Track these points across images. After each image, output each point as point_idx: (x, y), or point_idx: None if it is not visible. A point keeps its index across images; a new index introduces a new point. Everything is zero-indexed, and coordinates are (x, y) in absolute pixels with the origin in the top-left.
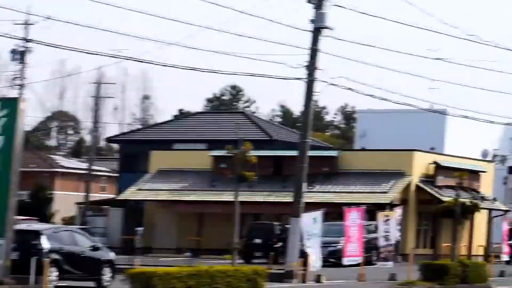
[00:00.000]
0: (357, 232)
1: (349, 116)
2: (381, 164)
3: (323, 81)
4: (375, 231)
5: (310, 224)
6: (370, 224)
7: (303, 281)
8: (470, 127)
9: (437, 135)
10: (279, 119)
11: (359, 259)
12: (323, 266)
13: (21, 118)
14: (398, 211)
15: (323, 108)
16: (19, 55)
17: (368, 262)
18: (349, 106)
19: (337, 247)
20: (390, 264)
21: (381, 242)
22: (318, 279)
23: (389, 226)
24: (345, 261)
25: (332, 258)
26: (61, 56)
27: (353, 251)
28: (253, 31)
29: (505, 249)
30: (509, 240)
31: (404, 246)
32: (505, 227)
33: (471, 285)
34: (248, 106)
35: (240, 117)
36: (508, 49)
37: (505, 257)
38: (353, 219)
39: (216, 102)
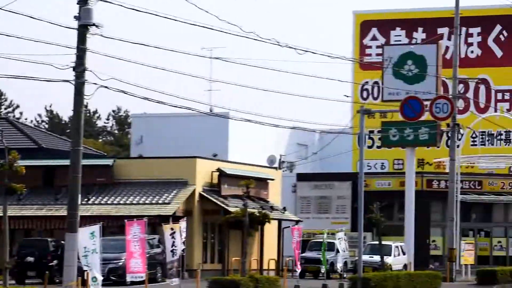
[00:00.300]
0: (139, 247)
1: (123, 121)
2: (161, 173)
3: (94, 83)
4: (158, 246)
5: (88, 240)
6: (153, 238)
7: None
8: (254, 132)
9: (219, 140)
10: (46, 126)
11: (143, 276)
12: (104, 285)
13: None
14: (182, 224)
15: (95, 112)
16: None
17: (152, 279)
18: (122, 111)
19: (119, 263)
20: (176, 281)
21: (168, 257)
22: None
23: (175, 240)
24: (129, 277)
25: (113, 276)
26: None
27: (136, 267)
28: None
29: (298, 262)
30: (302, 252)
31: (190, 261)
32: (297, 238)
33: None
34: (11, 112)
35: (3, 123)
36: (290, 47)
37: (298, 271)
38: (135, 233)
39: None
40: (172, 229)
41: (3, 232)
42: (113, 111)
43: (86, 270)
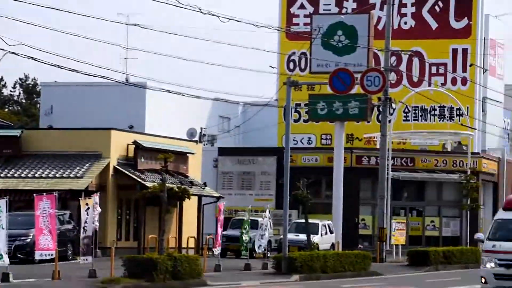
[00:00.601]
0: (49, 223)
1: (31, 90)
2: (73, 145)
3: (1, 49)
4: (69, 222)
5: None
6: (63, 214)
7: None
8: (173, 103)
9: (136, 112)
10: None
11: (53, 253)
12: (10, 263)
13: None
14: (95, 198)
15: (0, 80)
16: None
17: (63, 257)
18: (30, 79)
19: (26, 240)
20: (89, 259)
21: (82, 234)
22: (5, 278)
23: (88, 216)
24: (38, 255)
25: (20, 254)
26: None
27: (45, 244)
28: None
29: (219, 240)
30: (223, 230)
31: (104, 238)
32: (219, 216)
33: (184, 281)
34: None
35: None
36: (213, 15)
37: (218, 250)
38: (44, 208)
39: None
40: (87, 204)
41: None
42: (20, 79)
43: None
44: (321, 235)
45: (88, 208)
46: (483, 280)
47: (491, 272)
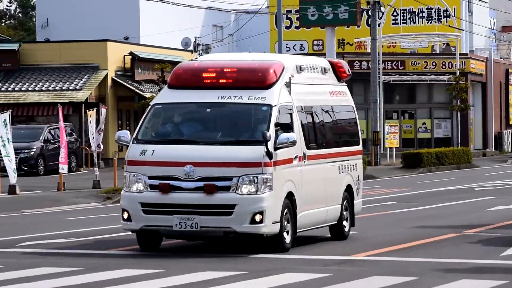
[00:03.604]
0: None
1: (26, 4)
2: (71, 58)
3: None
4: (71, 134)
5: (2, 128)
6: (65, 126)
7: None
8: (167, 13)
9: (130, 22)
10: None
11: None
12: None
13: None
14: (102, 110)
15: None
16: None
17: (67, 169)
18: None
19: (30, 153)
20: (96, 170)
21: (92, 146)
22: (12, 190)
23: (93, 128)
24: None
25: (25, 166)
26: None
27: (62, 157)
28: None
29: None
30: None
31: (106, 150)
32: None
33: None
34: None
35: None
36: None
37: None
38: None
39: None
40: (91, 116)
41: None
42: None
43: (6, 161)
44: None
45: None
46: None
47: None
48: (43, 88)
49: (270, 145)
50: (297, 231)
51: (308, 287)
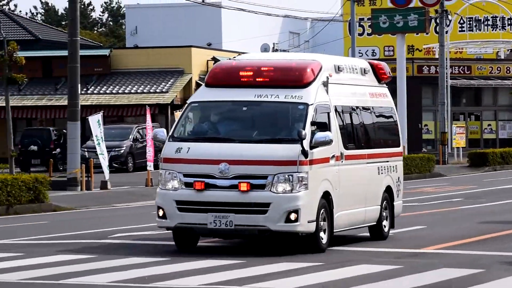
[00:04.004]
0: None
1: (116, 13)
2: (158, 63)
3: None
4: None
5: (96, 128)
6: (153, 126)
7: (88, 189)
8: (247, 21)
9: (213, 30)
10: (42, 18)
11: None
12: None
13: None
14: None
15: (89, 4)
16: None
17: (155, 166)
18: (114, 2)
19: (120, 151)
20: None
21: None
22: (104, 186)
23: None
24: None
25: (116, 163)
26: None
27: (150, 155)
28: None
29: None
30: None
31: None
32: None
33: None
34: (5, 4)
35: None
36: None
37: None
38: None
39: None
40: (177, 116)
41: (6, 121)
42: (105, 2)
43: (90, 158)
44: None
45: None
46: None
47: None
48: (132, 91)
49: (306, 143)
50: (334, 231)
51: (381, 277)
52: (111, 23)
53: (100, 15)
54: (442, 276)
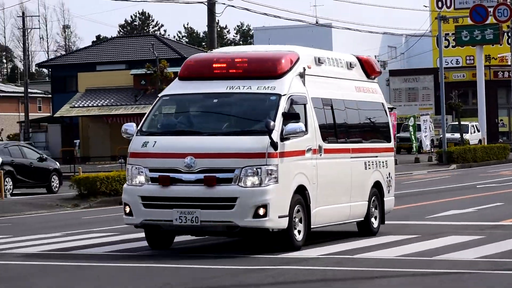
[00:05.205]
0: None
1: (246, 34)
2: None
3: (223, 3)
4: None
5: None
6: None
7: None
8: (353, 38)
9: (324, 47)
10: (186, 40)
11: None
12: None
13: None
14: None
15: (224, 27)
16: None
17: None
18: (245, 25)
19: None
20: None
21: None
22: None
23: None
24: None
25: None
26: None
27: None
28: None
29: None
30: (397, 133)
31: None
32: (393, 122)
33: None
34: (157, 30)
35: (152, 39)
36: None
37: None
38: None
39: (128, 28)
40: None
41: None
42: (237, 25)
43: None
44: (471, 133)
45: None
46: None
47: None
48: None
49: (276, 135)
50: (312, 227)
51: (467, 246)
52: (241, 42)
53: (234, 36)
54: None
